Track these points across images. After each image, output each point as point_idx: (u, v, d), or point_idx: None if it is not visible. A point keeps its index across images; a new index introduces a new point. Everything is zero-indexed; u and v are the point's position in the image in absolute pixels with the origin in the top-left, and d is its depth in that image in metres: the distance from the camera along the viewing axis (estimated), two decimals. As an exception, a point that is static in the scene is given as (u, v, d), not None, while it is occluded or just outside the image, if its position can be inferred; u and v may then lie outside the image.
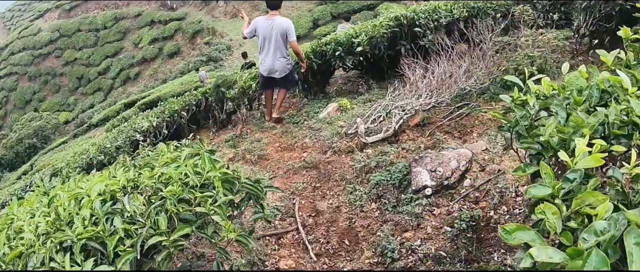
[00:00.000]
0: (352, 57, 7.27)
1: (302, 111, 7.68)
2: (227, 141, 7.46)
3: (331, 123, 6.60)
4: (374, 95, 7.12)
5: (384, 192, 4.35)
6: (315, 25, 36.12)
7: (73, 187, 2.91)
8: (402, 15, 6.81)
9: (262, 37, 6.81)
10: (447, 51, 6.19)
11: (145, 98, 25.05)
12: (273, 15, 6.74)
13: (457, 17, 6.67)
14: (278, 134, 6.95)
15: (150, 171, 2.82)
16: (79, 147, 18.67)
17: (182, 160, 2.86)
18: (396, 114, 5.46)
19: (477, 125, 5.45)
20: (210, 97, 8.24)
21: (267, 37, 6.75)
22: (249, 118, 7.77)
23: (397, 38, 7.02)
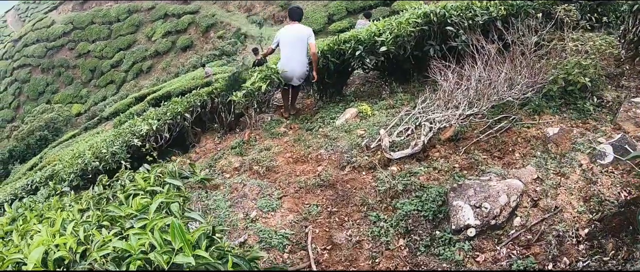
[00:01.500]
0: (374, 58, 6.50)
1: (316, 116, 6.94)
2: (233, 148, 6.76)
3: (349, 132, 5.85)
4: (398, 101, 6.35)
5: (415, 226, 3.60)
6: (330, 20, 35.29)
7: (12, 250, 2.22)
8: (432, 11, 6.02)
9: (286, 45, 7.15)
10: (483, 55, 5.39)
11: (156, 92, 24.47)
12: (295, 24, 7.12)
13: (495, 16, 5.86)
14: (290, 142, 6.22)
15: (113, 219, 2.10)
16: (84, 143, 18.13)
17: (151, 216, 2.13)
18: (426, 125, 4.69)
19: (520, 143, 4.67)
20: (216, 98, 7.53)
21: (288, 44, 7.09)
22: (257, 122, 7.05)
23: (426, 37, 6.23)
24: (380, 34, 6.41)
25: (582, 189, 3.82)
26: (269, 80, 6.50)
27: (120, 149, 7.13)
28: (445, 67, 5.50)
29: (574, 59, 5.02)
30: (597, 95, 5.10)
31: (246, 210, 4.74)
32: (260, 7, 42.12)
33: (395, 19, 6.72)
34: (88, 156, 7.82)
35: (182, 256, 1.74)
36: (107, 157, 7.17)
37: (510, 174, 3.91)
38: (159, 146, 7.67)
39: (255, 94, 6.42)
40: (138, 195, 2.82)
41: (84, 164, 7.56)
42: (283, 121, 7.08)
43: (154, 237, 1.89)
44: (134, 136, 7.15)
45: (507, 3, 6.18)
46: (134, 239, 1.94)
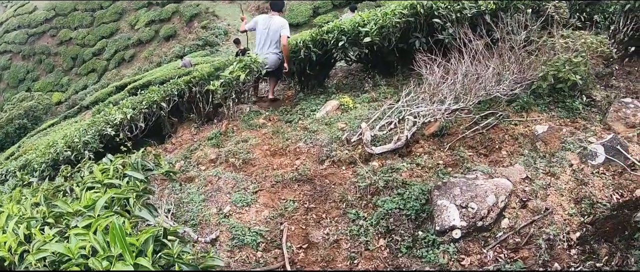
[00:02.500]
0: (358, 49, 6.27)
1: (296, 108, 6.70)
2: (210, 139, 6.50)
3: (330, 125, 5.63)
4: (381, 94, 6.14)
5: (396, 225, 3.40)
6: (315, 13, 34.91)
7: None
8: (419, 3, 5.81)
9: (260, 33, 7.26)
10: (470, 49, 5.20)
11: (136, 81, 23.94)
12: (273, 15, 7.21)
13: (484, 10, 5.66)
14: (268, 134, 5.98)
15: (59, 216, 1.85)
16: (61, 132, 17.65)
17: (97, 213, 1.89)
18: (409, 120, 4.49)
19: (507, 140, 4.50)
20: (194, 88, 7.24)
21: (262, 32, 7.19)
22: (236, 113, 6.79)
23: (411, 29, 6.02)
24: (364, 25, 6.19)
25: (572, 190, 3.66)
26: (248, 70, 6.24)
27: (92, 138, 6.82)
28: (431, 60, 5.31)
29: (564, 57, 4.86)
30: (586, 94, 4.96)
31: (220, 204, 4.51)
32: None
33: (381, 10, 6.49)
34: (60, 145, 7.50)
35: (121, 264, 1.50)
36: (79, 147, 6.87)
37: (497, 173, 3.73)
38: (134, 135, 7.38)
39: (233, 83, 6.16)
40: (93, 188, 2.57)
41: (56, 154, 7.25)
42: (262, 112, 6.83)
43: (97, 239, 1.65)
44: (108, 125, 6.85)
45: (497, -4, 6.00)
46: (75, 241, 1.70)
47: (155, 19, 45.31)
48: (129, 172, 2.89)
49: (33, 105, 40.19)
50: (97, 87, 41.97)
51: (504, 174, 3.72)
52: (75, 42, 50.97)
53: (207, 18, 40.50)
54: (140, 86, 21.68)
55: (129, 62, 45.24)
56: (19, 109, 39.74)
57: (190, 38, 40.04)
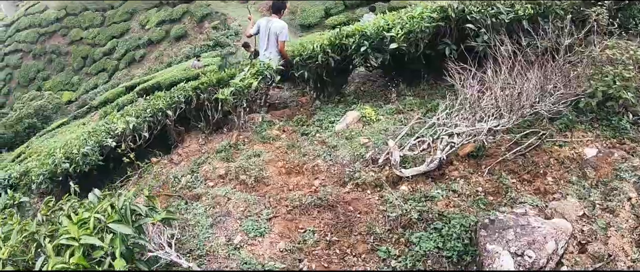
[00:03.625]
0: (381, 55, 5.74)
1: (313, 118, 6.19)
2: (219, 152, 6.01)
3: (351, 139, 5.12)
4: (406, 106, 5.61)
5: (435, 269, 2.86)
6: (327, 14, 34.39)
7: None
8: (450, 5, 5.26)
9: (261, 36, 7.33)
10: (508, 58, 4.65)
11: (146, 83, 23.57)
12: (272, 18, 7.26)
13: (522, 15, 5.11)
14: (282, 148, 5.48)
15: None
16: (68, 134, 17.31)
17: None
18: (444, 139, 3.96)
19: (553, 165, 3.96)
20: (202, 94, 6.75)
21: (264, 36, 7.25)
22: (247, 123, 6.29)
23: (441, 35, 5.48)
24: (389, 29, 5.65)
25: (634, 229, 3.12)
26: (261, 77, 5.74)
27: (92, 150, 6.35)
28: (464, 70, 4.76)
29: (613, 70, 4.30)
30: (632, 111, 4.41)
31: (229, 232, 4.00)
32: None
33: (406, 13, 5.95)
34: (59, 155, 7.04)
35: None
36: (78, 159, 6.40)
37: (549, 208, 3.18)
38: (138, 145, 6.91)
39: (244, 91, 5.66)
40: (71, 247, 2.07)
41: (54, 166, 6.79)
42: (275, 123, 6.32)
43: None
44: (108, 136, 6.37)
45: (534, 1, 5.43)
46: None
47: (165, 19, 45.18)
48: (112, 226, 2.38)
49: (43, 105, 40.14)
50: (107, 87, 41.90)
51: (559, 210, 3.18)
52: (85, 41, 51.06)
53: (218, 18, 40.18)
54: (148, 87, 21.33)
55: (139, 62, 45.15)
56: (29, 108, 39.72)
57: (200, 38, 39.76)
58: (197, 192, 5.39)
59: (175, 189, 5.93)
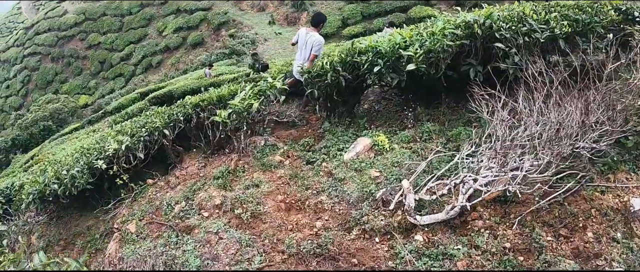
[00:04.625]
0: (397, 76, 5.14)
1: (320, 143, 5.61)
2: (216, 178, 5.47)
3: (360, 172, 4.54)
4: (424, 133, 5.01)
5: None
6: (344, 24, 33.93)
7: None
8: (476, 21, 4.65)
9: (299, 46, 7.41)
10: (543, 84, 4.04)
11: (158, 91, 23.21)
12: (310, 30, 7.32)
13: (558, 34, 4.48)
14: (284, 178, 4.92)
15: None
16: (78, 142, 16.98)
17: None
18: (468, 183, 3.36)
19: (594, 216, 3.34)
20: (203, 113, 6.24)
21: (301, 46, 7.33)
22: (248, 147, 5.74)
23: (464, 54, 4.88)
24: (406, 46, 5.05)
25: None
26: (263, 97, 5.20)
27: (81, 172, 5.85)
28: (491, 97, 4.15)
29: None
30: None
31: (214, 283, 3.44)
32: (274, 7, 40.88)
33: (426, 29, 5.34)
34: (49, 174, 6.57)
35: None
36: (67, 181, 5.92)
37: None
38: (133, 165, 6.40)
39: (244, 113, 5.11)
40: None
41: (43, 185, 6.32)
42: (279, 147, 5.76)
43: None
44: (99, 157, 5.88)
45: (570, 17, 4.80)
46: None
47: (183, 26, 45.26)
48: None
49: (58, 108, 40.30)
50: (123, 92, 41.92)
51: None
52: (103, 46, 51.46)
53: (234, 26, 40.00)
54: (160, 96, 20.96)
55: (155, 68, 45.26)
56: (45, 110, 39.92)
57: (217, 46, 39.61)
58: (190, 224, 4.89)
59: (168, 217, 5.44)
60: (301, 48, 7.32)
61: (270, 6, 41.28)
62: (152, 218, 5.74)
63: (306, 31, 7.36)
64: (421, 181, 3.84)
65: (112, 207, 6.55)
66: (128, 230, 5.61)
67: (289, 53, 31.70)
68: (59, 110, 39.60)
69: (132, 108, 20.67)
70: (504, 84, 4.38)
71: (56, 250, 6.90)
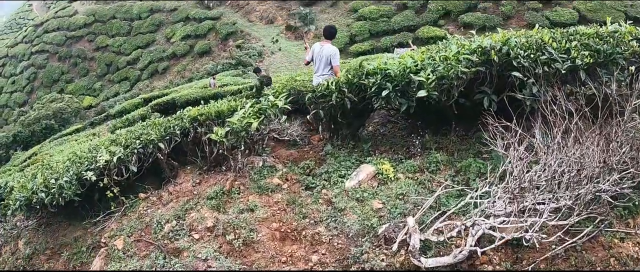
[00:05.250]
0: (406, 102, 4.87)
1: (322, 168, 5.33)
2: (210, 198, 5.19)
3: (362, 202, 4.25)
4: (431, 164, 4.72)
5: None
6: (352, 41, 33.88)
7: None
8: (493, 47, 4.37)
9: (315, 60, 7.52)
10: (562, 118, 3.76)
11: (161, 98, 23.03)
12: (325, 43, 7.42)
13: (579, 65, 4.21)
14: (281, 203, 4.63)
15: None
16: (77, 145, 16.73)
17: None
18: (480, 227, 3.07)
19: (612, 266, 3.06)
20: (201, 127, 5.98)
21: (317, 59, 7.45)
22: (245, 167, 5.46)
23: (479, 82, 4.61)
24: (417, 71, 4.78)
25: None
26: (263, 116, 4.93)
27: (69, 182, 5.58)
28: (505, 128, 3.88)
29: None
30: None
31: (196, 320, 3.15)
32: (282, 20, 40.91)
33: (439, 52, 5.08)
34: (39, 181, 6.29)
35: None
36: (54, 191, 5.64)
37: None
38: (126, 178, 6.13)
39: (242, 133, 4.84)
40: None
41: (31, 193, 6.04)
42: (278, 169, 5.47)
43: None
44: (89, 168, 5.60)
45: (591, 47, 4.53)
46: None
47: (191, 34, 45.30)
48: None
49: (62, 107, 40.24)
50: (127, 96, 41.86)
51: None
52: (111, 49, 51.57)
53: (242, 37, 39.99)
54: (163, 103, 20.77)
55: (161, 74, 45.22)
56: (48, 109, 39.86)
57: (224, 56, 39.56)
58: (180, 246, 4.63)
59: (157, 236, 5.16)
60: (317, 61, 7.41)
61: (278, 19, 41.31)
62: (141, 236, 5.46)
63: (321, 45, 7.45)
64: (427, 218, 3.56)
65: (101, 220, 6.28)
66: (115, 246, 5.36)
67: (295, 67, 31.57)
68: (62, 110, 39.53)
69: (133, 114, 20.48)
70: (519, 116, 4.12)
71: (41, 259, 6.64)
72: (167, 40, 46.69)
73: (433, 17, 33.47)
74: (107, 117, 33.00)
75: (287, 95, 7.72)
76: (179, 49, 44.10)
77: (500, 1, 32.29)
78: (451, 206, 3.63)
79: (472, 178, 4.19)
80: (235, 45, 38.93)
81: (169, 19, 49.00)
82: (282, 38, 37.97)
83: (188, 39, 44.69)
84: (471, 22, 30.94)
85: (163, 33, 48.07)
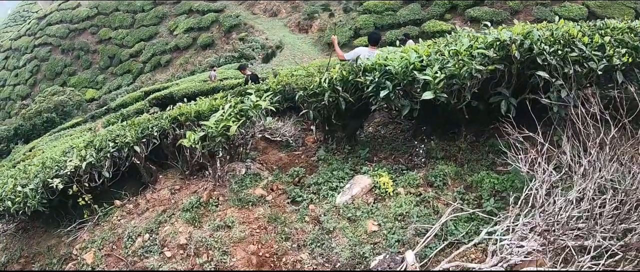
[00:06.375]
0: (409, 103, 4.20)
1: (311, 178, 4.67)
2: (185, 211, 4.57)
3: (355, 222, 3.62)
4: (438, 177, 4.06)
5: None
6: (356, 34, 33.05)
7: None
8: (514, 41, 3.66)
9: None
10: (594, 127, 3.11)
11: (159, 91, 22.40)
12: (373, 49, 7.11)
13: (617, 65, 3.53)
14: (262, 220, 4.00)
15: None
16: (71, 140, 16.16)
17: None
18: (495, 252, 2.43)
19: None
20: (182, 128, 5.36)
21: None
22: (226, 175, 4.83)
23: (495, 81, 3.94)
24: (423, 68, 4.09)
25: None
26: (244, 119, 4.29)
27: (35, 191, 4.97)
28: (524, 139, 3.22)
29: None
30: None
31: None
32: (286, 13, 40.17)
33: (447, 46, 4.38)
34: (8, 188, 5.70)
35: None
36: (20, 199, 5.05)
37: None
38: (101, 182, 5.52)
39: (219, 138, 4.20)
40: None
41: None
42: (263, 177, 4.83)
43: None
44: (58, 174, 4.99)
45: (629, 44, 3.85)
46: None
47: (194, 26, 44.72)
48: None
49: (63, 101, 39.85)
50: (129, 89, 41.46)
51: None
52: (114, 41, 51.19)
53: (245, 30, 39.33)
54: (161, 97, 20.17)
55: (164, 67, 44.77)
56: (49, 102, 39.48)
57: (226, 49, 38.94)
58: (149, 265, 4.07)
59: (128, 251, 4.61)
60: None
61: (282, 12, 40.64)
62: (112, 250, 4.92)
63: (369, 50, 7.17)
64: (430, 250, 2.91)
65: (74, 229, 5.74)
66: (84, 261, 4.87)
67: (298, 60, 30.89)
68: (63, 103, 39.17)
69: (128, 109, 19.89)
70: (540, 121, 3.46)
71: (15, 267, 6.18)
72: (170, 33, 46.13)
73: (439, 11, 32.57)
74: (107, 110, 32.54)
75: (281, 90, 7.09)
76: (181, 42, 43.51)
77: (508, -5, 31.40)
78: (460, 233, 2.99)
79: (485, 197, 3.54)
80: (238, 38, 38.19)
81: (172, 11, 48.42)
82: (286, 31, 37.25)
83: (191, 31, 44.08)
84: (478, 17, 30.06)
85: (166, 25, 47.50)
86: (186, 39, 44.00)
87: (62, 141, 17.24)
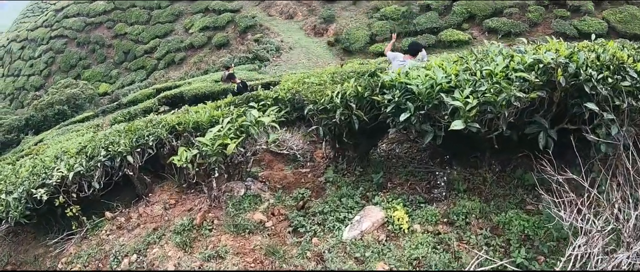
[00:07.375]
0: (432, 130, 3.70)
1: (317, 204, 4.21)
2: (177, 232, 4.14)
3: (363, 263, 3.16)
4: (460, 214, 3.57)
5: None
6: (372, 40, 32.54)
7: None
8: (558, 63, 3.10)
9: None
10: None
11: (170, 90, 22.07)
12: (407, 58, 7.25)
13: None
14: (258, 252, 3.55)
15: None
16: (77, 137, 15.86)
17: None
18: None
19: None
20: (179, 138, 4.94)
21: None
22: (224, 195, 4.38)
23: (534, 109, 3.42)
24: (450, 89, 3.59)
25: None
26: (244, 136, 3.84)
27: (17, 200, 4.57)
28: (567, 181, 2.73)
29: None
30: None
31: None
32: (302, 16, 39.82)
33: (480, 64, 3.85)
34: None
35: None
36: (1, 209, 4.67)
37: None
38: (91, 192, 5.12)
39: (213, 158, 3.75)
40: None
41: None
42: (263, 199, 4.38)
43: None
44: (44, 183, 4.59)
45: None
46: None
47: (209, 25, 44.65)
48: None
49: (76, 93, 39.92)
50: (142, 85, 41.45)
51: None
52: (129, 37, 51.38)
53: (261, 31, 39.07)
54: (171, 96, 19.84)
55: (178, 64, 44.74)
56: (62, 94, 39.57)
57: (241, 49, 38.72)
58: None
59: (114, 272, 4.21)
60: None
61: (299, 15, 40.31)
62: (98, 267, 4.53)
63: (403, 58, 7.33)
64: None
65: (61, 241, 5.37)
66: None
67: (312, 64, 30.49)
68: (76, 96, 39.21)
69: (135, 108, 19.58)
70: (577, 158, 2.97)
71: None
72: (186, 31, 46.06)
73: (457, 20, 31.96)
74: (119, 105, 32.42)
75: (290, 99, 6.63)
76: (196, 40, 43.40)
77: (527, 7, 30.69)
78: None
79: (515, 244, 3.06)
80: (253, 39, 37.88)
81: (189, 9, 48.40)
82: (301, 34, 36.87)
83: (206, 30, 43.97)
84: (496, 28, 29.42)
85: (182, 23, 47.48)
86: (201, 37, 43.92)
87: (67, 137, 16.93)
